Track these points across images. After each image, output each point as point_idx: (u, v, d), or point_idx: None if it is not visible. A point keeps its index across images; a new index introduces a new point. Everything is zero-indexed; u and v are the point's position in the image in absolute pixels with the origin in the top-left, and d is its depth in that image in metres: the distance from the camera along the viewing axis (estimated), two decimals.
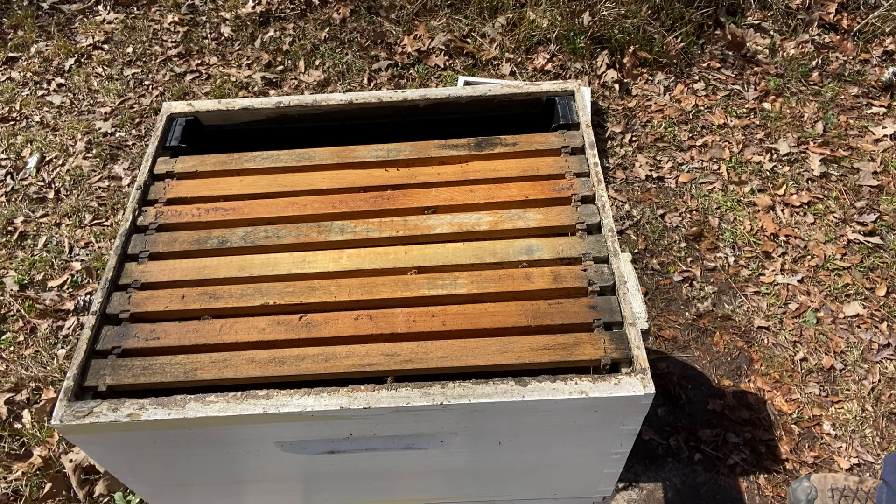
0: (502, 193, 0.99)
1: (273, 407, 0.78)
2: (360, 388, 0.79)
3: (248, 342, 0.86)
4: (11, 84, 2.98)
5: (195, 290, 0.91)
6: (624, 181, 2.50)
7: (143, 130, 2.79)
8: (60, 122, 2.83)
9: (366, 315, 0.87)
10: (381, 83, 2.91)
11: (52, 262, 2.34)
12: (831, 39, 2.98)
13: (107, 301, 0.90)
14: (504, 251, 0.92)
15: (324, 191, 1.01)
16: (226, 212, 0.99)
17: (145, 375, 0.82)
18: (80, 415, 0.78)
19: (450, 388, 0.79)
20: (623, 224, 2.38)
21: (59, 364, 2.05)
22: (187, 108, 1.12)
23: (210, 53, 3.07)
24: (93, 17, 3.25)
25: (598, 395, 0.78)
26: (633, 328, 0.83)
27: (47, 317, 2.19)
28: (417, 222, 0.96)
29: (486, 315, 0.86)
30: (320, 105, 1.11)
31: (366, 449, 0.86)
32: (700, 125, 2.73)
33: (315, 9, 3.18)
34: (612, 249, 0.91)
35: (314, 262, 0.93)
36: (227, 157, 1.06)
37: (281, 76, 2.96)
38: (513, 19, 3.05)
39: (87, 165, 2.64)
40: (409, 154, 1.04)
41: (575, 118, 1.07)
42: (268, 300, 0.89)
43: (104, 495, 1.79)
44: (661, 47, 2.94)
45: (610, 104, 2.80)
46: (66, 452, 1.86)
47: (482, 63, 2.95)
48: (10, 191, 2.58)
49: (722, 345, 2.05)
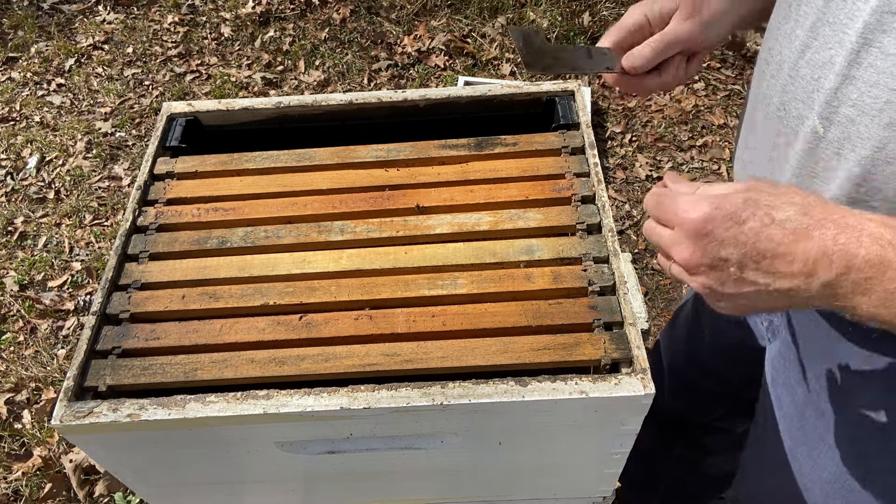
0: (502, 193, 0.99)
1: (273, 407, 0.78)
2: (360, 388, 0.79)
3: (248, 342, 0.86)
4: (11, 84, 2.98)
5: (195, 290, 0.91)
6: (624, 181, 2.50)
7: (143, 130, 2.79)
8: (60, 122, 2.83)
9: (366, 315, 0.87)
10: (381, 83, 2.91)
11: (52, 263, 2.34)
12: None
13: (107, 301, 0.90)
14: (504, 251, 0.92)
15: (324, 191, 1.01)
16: (226, 212, 0.99)
17: (145, 375, 0.82)
18: (80, 415, 0.78)
19: (450, 388, 0.79)
20: (623, 224, 2.37)
21: (59, 364, 2.06)
22: (187, 109, 1.12)
23: (210, 53, 3.07)
24: (93, 17, 3.26)
25: (598, 395, 0.77)
26: (633, 328, 0.83)
27: (47, 317, 2.19)
28: (417, 222, 0.96)
29: (487, 315, 0.86)
30: (320, 105, 1.11)
31: (366, 449, 0.86)
32: (700, 125, 2.73)
33: (315, 9, 3.18)
34: (613, 249, 0.91)
35: (314, 262, 0.93)
36: (228, 158, 1.06)
37: (281, 76, 2.96)
38: (513, 19, 3.05)
39: (87, 165, 2.64)
40: (409, 154, 1.04)
41: (575, 118, 1.07)
42: (268, 300, 0.89)
43: (104, 495, 1.79)
44: None
45: (610, 104, 2.80)
46: (66, 452, 1.86)
47: (482, 63, 2.95)
48: (10, 191, 2.58)
49: None
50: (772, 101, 0.76)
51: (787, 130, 0.74)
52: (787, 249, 0.56)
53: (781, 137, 0.75)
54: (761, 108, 0.80)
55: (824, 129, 0.68)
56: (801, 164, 0.72)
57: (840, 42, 0.65)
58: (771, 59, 0.77)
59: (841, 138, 0.67)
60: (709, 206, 0.60)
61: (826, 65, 0.67)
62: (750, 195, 0.60)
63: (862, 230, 0.55)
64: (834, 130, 0.67)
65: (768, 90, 0.77)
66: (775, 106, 0.75)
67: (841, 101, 0.66)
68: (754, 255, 0.58)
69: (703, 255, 0.60)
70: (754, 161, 0.84)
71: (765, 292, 0.59)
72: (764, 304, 0.62)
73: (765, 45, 0.81)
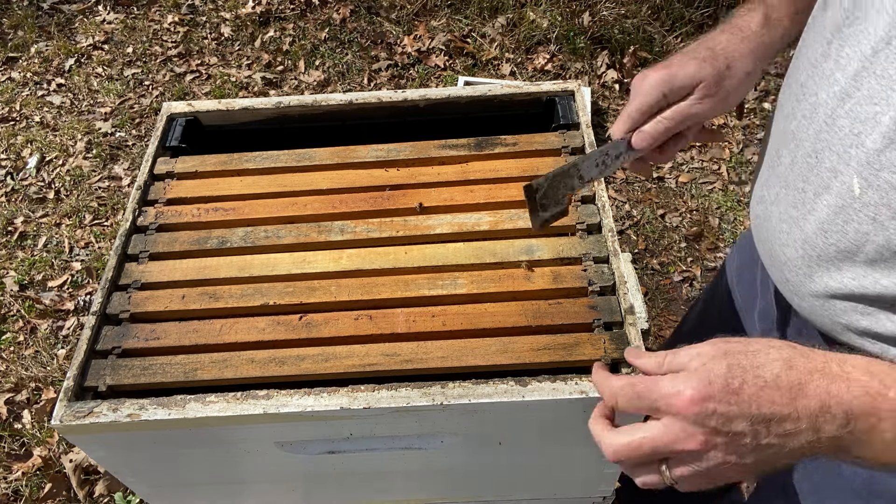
0: (502, 193, 0.99)
1: (273, 407, 0.78)
2: (360, 388, 0.79)
3: (248, 342, 0.86)
4: (11, 84, 2.98)
5: (195, 290, 0.91)
6: (624, 181, 2.50)
7: (143, 130, 2.79)
8: (60, 122, 2.83)
9: (366, 315, 0.87)
10: (381, 83, 2.91)
11: (52, 263, 2.34)
12: None
13: (107, 301, 0.90)
14: (504, 251, 0.92)
15: (324, 191, 1.01)
16: (226, 212, 0.99)
17: (145, 375, 0.82)
18: (80, 415, 0.78)
19: (450, 388, 0.79)
20: (623, 224, 2.38)
21: (59, 364, 2.05)
22: (187, 109, 1.12)
23: (210, 53, 3.07)
24: (93, 17, 3.25)
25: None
26: (633, 328, 0.83)
27: (47, 317, 2.19)
28: (417, 222, 0.96)
29: (486, 315, 0.86)
30: (320, 105, 1.11)
31: (366, 449, 0.86)
32: None
33: (315, 9, 3.18)
34: (612, 249, 0.91)
35: (314, 263, 0.93)
36: (228, 158, 1.06)
37: (281, 76, 2.96)
38: (513, 19, 3.05)
39: (87, 165, 2.64)
40: (409, 154, 1.04)
41: (575, 118, 1.07)
42: (268, 300, 0.89)
43: (104, 495, 1.79)
44: (662, 47, 2.94)
45: (610, 104, 2.80)
46: (66, 452, 1.86)
47: (482, 63, 2.95)
48: (10, 191, 2.58)
49: None
50: (802, 144, 0.70)
51: (816, 180, 0.68)
52: (789, 410, 0.53)
53: (810, 186, 0.69)
54: (789, 148, 0.73)
55: (861, 190, 0.63)
56: (830, 221, 0.67)
57: (888, 101, 0.59)
58: (803, 96, 0.71)
59: (879, 203, 0.62)
60: (699, 383, 0.54)
61: (869, 121, 0.61)
62: (729, 360, 0.55)
63: (849, 380, 0.53)
64: (872, 194, 0.62)
65: (798, 131, 0.71)
66: (806, 151, 0.69)
67: (884, 165, 0.60)
68: (762, 421, 0.54)
69: (715, 434, 0.54)
70: (777, 203, 0.76)
71: (782, 454, 0.55)
72: (785, 460, 0.57)
73: (794, 74, 0.75)
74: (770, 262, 0.81)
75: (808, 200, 0.70)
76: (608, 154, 0.80)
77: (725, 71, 0.76)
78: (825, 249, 0.68)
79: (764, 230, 0.80)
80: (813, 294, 0.73)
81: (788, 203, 0.73)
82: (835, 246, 0.67)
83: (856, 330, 0.70)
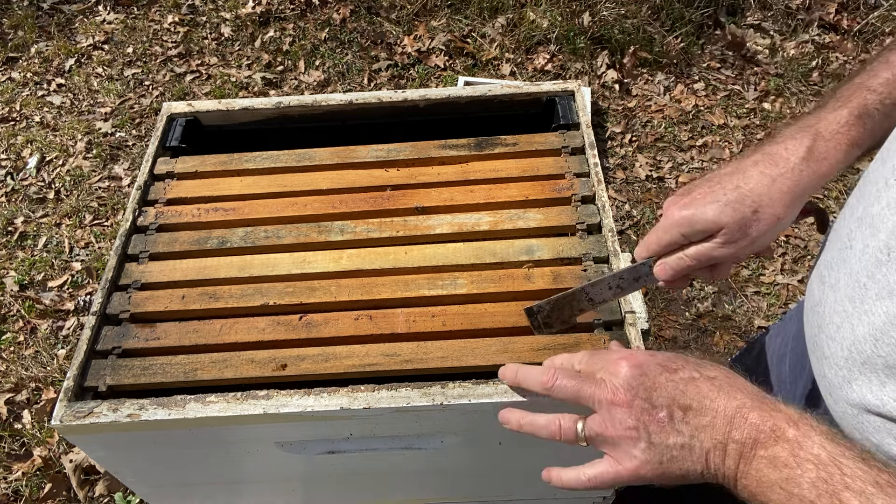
0: (502, 193, 0.99)
1: (273, 407, 0.78)
2: (360, 388, 0.79)
3: (248, 342, 0.86)
4: (11, 84, 2.98)
5: (195, 290, 0.91)
6: (624, 181, 2.50)
7: (143, 130, 2.79)
8: (60, 122, 2.83)
9: (366, 315, 0.87)
10: (381, 83, 2.91)
11: (52, 263, 2.34)
12: (831, 39, 2.98)
13: (107, 301, 0.90)
14: (504, 251, 0.92)
15: (324, 191, 1.01)
16: (226, 212, 0.99)
17: (145, 376, 0.82)
18: (80, 415, 0.78)
19: (450, 388, 0.79)
20: (623, 224, 2.37)
21: (59, 364, 2.05)
22: (187, 109, 1.12)
23: (210, 54, 3.07)
24: (93, 17, 3.25)
25: None
26: (633, 328, 0.83)
27: (47, 317, 2.19)
28: (417, 222, 0.96)
29: (487, 315, 0.86)
30: (320, 105, 1.11)
31: (366, 449, 0.86)
32: (700, 125, 2.73)
33: (315, 9, 3.18)
34: (612, 249, 0.91)
35: (314, 263, 0.93)
36: (228, 158, 1.06)
37: (281, 76, 2.96)
38: (513, 19, 3.05)
39: (87, 165, 2.64)
40: (409, 154, 1.04)
41: (575, 118, 1.07)
42: (268, 300, 0.89)
43: (104, 495, 1.79)
44: (661, 47, 2.94)
45: (610, 104, 2.80)
46: (66, 452, 1.86)
47: (482, 63, 2.95)
48: (10, 191, 2.58)
49: (722, 345, 2.05)
50: (878, 235, 0.62)
51: (883, 280, 0.60)
52: (712, 406, 0.56)
53: (874, 284, 0.61)
54: (863, 233, 0.65)
55: None
56: (884, 330, 0.59)
57: None
58: (889, 188, 0.63)
59: None
60: (642, 355, 0.61)
61: None
62: (676, 353, 0.61)
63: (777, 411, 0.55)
64: None
65: (878, 219, 0.63)
66: (880, 244, 0.61)
67: None
68: (682, 407, 0.57)
69: (635, 397, 0.59)
70: (836, 290, 0.68)
71: (686, 454, 0.57)
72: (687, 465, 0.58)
73: (882, 157, 0.68)
74: (812, 349, 0.74)
75: (868, 300, 0.61)
76: (623, 278, 0.79)
77: (751, 216, 0.69)
78: (872, 358, 0.61)
79: (815, 314, 0.73)
80: (848, 401, 0.66)
81: (846, 294, 0.65)
82: (884, 359, 0.59)
83: (886, 454, 0.63)
